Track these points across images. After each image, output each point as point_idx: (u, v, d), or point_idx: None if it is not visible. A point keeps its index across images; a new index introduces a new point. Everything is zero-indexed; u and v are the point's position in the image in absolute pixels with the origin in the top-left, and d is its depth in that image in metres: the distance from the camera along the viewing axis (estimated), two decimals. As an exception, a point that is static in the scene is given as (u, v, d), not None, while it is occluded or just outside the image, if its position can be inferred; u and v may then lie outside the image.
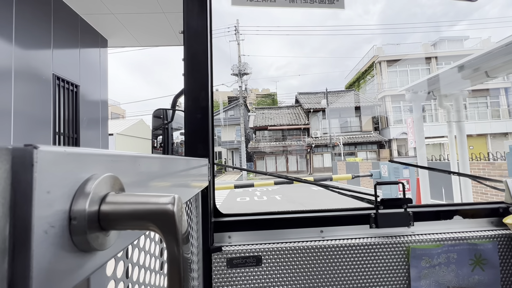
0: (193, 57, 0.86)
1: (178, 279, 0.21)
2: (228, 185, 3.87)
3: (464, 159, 2.36)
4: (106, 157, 0.23)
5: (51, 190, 0.17)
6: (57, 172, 0.17)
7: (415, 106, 2.56)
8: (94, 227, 0.20)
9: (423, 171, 2.61)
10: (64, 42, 3.57)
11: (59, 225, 0.18)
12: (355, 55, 72.73)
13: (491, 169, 5.31)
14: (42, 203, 0.16)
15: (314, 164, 20.26)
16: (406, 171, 4.64)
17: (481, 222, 0.97)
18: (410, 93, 2.48)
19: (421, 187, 2.56)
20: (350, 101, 21.28)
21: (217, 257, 0.84)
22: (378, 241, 0.88)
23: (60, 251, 0.18)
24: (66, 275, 0.18)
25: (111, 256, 0.24)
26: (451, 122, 2.45)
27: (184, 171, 0.51)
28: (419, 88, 2.50)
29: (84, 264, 0.20)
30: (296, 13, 62.55)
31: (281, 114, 22.69)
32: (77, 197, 0.19)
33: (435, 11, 60.31)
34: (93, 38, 4.28)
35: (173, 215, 0.21)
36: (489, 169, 5.34)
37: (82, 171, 0.20)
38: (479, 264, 0.89)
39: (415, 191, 4.30)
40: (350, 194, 0.98)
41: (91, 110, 4.14)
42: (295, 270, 0.86)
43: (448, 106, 2.46)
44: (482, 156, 7.60)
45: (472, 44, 21.07)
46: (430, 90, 2.43)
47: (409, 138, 12.94)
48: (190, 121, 0.85)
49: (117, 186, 0.23)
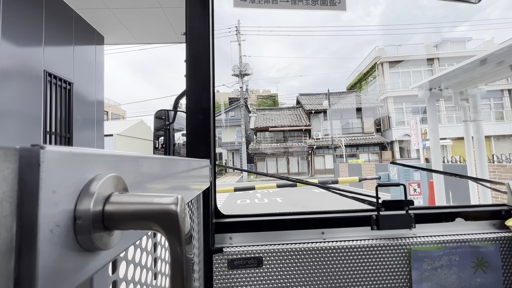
0: (195, 59, 0.87)
1: (180, 279, 0.22)
2: (227, 188, 3.66)
3: (482, 161, 2.18)
4: (110, 158, 0.23)
5: (56, 190, 0.17)
6: (62, 172, 0.17)
7: (429, 104, 2.38)
8: (98, 227, 0.20)
9: (438, 174, 2.43)
10: (56, 37, 3.41)
11: (64, 224, 0.18)
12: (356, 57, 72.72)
13: (502, 171, 5.12)
14: (48, 203, 0.16)
15: (315, 166, 20.08)
16: (417, 173, 4.44)
17: (483, 225, 0.96)
18: (423, 90, 2.30)
19: (436, 191, 2.38)
20: (352, 103, 21.12)
21: (218, 258, 0.84)
22: (380, 243, 0.88)
23: (65, 250, 0.18)
24: (71, 274, 0.18)
25: (115, 256, 0.24)
26: (468, 122, 2.27)
27: (185, 172, 0.51)
28: (433, 85, 2.33)
29: (88, 263, 0.20)
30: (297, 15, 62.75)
31: (282, 115, 22.56)
32: (81, 197, 0.19)
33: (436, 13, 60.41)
34: (88, 34, 4.12)
35: (176, 215, 0.21)
36: (500, 171, 5.14)
37: (86, 171, 0.20)
38: (481, 267, 0.88)
39: (427, 194, 4.11)
40: (352, 196, 0.97)
41: (85, 109, 3.97)
42: (296, 271, 0.85)
43: (465, 104, 2.29)
44: (487, 158, 7.41)
45: (475, 45, 20.95)
46: (446, 87, 2.26)
47: (412, 139, 12.76)
48: (192, 122, 0.85)
49: (121, 186, 0.24)
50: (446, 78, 2.23)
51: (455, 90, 2.21)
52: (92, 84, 4.20)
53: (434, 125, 2.36)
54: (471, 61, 1.90)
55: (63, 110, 3.48)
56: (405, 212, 0.91)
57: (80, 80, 3.83)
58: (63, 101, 3.50)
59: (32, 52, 2.97)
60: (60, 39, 3.45)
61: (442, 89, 2.24)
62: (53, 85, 3.29)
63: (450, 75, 2.18)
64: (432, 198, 3.92)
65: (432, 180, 3.86)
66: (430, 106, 2.41)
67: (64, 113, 3.51)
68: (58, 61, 3.40)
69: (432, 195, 3.68)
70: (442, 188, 2.34)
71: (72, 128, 3.63)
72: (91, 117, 4.15)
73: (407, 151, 19.30)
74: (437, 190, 2.36)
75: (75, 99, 3.72)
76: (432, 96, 2.37)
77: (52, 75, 3.26)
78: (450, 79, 2.23)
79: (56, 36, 3.37)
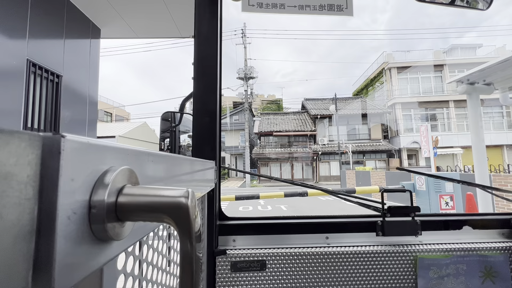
0: (203, 61, 0.88)
1: (190, 271, 0.22)
2: (227, 196, 3.24)
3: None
4: (123, 151, 0.24)
5: (75, 178, 0.17)
6: (80, 161, 0.18)
7: (470, 101, 1.98)
8: (111, 217, 0.21)
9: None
10: (44, 23, 3.08)
11: (80, 212, 0.18)
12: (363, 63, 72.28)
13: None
14: (66, 190, 0.16)
15: (320, 172, 19.58)
16: (450, 185, 3.92)
17: (491, 233, 0.94)
18: (464, 85, 1.93)
19: (480, 205, 1.95)
20: (359, 108, 20.69)
21: (221, 260, 0.84)
22: (385, 249, 0.86)
23: (80, 238, 0.18)
24: (84, 262, 0.19)
25: (126, 247, 0.25)
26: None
27: (192, 172, 0.52)
28: (477, 78, 1.94)
29: (100, 252, 0.21)
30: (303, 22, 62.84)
31: (287, 120, 22.23)
32: (96, 186, 0.20)
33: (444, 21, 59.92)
34: (82, 24, 3.79)
35: (187, 208, 0.21)
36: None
37: (101, 163, 0.21)
38: (489, 277, 0.86)
39: (463, 209, 3.61)
40: (357, 201, 0.96)
41: (76, 106, 3.62)
42: (300, 276, 0.85)
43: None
44: (501, 168, 6.98)
45: (486, 52, 20.51)
46: (492, 81, 1.88)
47: (423, 147, 12.28)
48: (198, 124, 0.86)
49: (133, 180, 0.24)
50: (493, 70, 1.85)
51: (504, 85, 1.82)
52: (85, 80, 3.85)
53: (477, 125, 1.93)
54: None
55: (49, 105, 3.14)
56: (411, 218, 0.89)
57: (71, 73, 3.48)
58: (50, 95, 3.16)
59: (13, 37, 2.65)
60: (48, 25, 3.12)
61: (490, 83, 1.85)
62: (38, 77, 2.96)
63: (500, 67, 1.79)
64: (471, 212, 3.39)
65: (470, 193, 3.42)
66: (472, 103, 2.00)
67: (50, 109, 3.16)
68: (45, 50, 3.07)
69: (471, 209, 3.17)
70: (489, 202, 1.92)
71: (59, 126, 3.28)
72: (82, 116, 3.79)
73: (416, 158, 18.73)
74: (482, 203, 1.92)
75: (64, 94, 3.37)
76: (475, 91, 1.98)
77: (37, 66, 2.92)
78: (497, 72, 1.84)
79: (44, 22, 3.04)
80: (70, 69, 3.47)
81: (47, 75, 3.10)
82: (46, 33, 3.12)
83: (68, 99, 3.42)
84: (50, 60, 3.17)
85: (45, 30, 3.09)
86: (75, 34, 3.60)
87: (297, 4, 0.94)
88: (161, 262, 0.47)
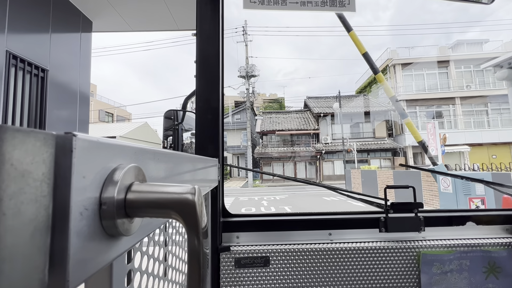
0: (205, 60, 0.89)
1: (197, 266, 0.22)
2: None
3: None
4: (130, 149, 0.25)
5: (86, 176, 0.18)
6: (90, 159, 0.18)
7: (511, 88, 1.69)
8: (121, 213, 0.21)
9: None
10: (26, 14, 2.81)
11: (92, 208, 0.19)
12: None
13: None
14: (78, 187, 0.17)
15: (324, 172, 19.26)
16: (480, 187, 3.57)
17: (495, 229, 0.94)
18: (504, 69, 1.65)
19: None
20: (362, 106, 20.33)
21: (225, 256, 0.85)
22: (388, 245, 0.87)
23: (92, 233, 0.19)
24: (95, 257, 0.19)
25: (134, 242, 0.25)
26: None
27: (196, 170, 0.52)
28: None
29: (110, 248, 0.21)
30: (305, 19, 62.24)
31: (290, 119, 21.93)
32: (106, 184, 0.20)
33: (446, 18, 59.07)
34: (71, 16, 3.52)
35: (194, 204, 0.22)
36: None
37: (110, 160, 0.21)
38: (493, 272, 0.86)
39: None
40: (360, 198, 0.98)
41: (65, 104, 3.36)
42: (303, 272, 0.86)
43: None
44: (511, 165, 6.68)
45: (493, 47, 20.04)
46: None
47: (430, 145, 11.93)
48: (201, 122, 0.87)
49: (141, 177, 0.25)
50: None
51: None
52: (75, 76, 3.57)
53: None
54: None
55: (33, 102, 2.88)
56: (414, 214, 0.90)
57: (59, 68, 3.21)
58: (34, 91, 2.90)
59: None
60: (31, 15, 2.86)
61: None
62: (19, 70, 2.69)
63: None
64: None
65: (507, 196, 2.97)
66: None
67: (35, 106, 2.90)
68: (28, 42, 2.81)
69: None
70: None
71: (45, 125, 3.01)
72: (72, 115, 3.53)
73: (422, 157, 18.36)
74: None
75: (51, 91, 3.11)
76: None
77: (18, 58, 2.65)
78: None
79: (26, 12, 2.78)
80: (57, 63, 3.19)
81: (31, 68, 2.82)
82: (29, 24, 2.84)
83: (55, 97, 3.14)
84: (34, 53, 2.88)
85: (27, 20, 2.81)
86: (63, 26, 3.32)
87: (299, 1, 0.92)
88: (166, 259, 0.49)
